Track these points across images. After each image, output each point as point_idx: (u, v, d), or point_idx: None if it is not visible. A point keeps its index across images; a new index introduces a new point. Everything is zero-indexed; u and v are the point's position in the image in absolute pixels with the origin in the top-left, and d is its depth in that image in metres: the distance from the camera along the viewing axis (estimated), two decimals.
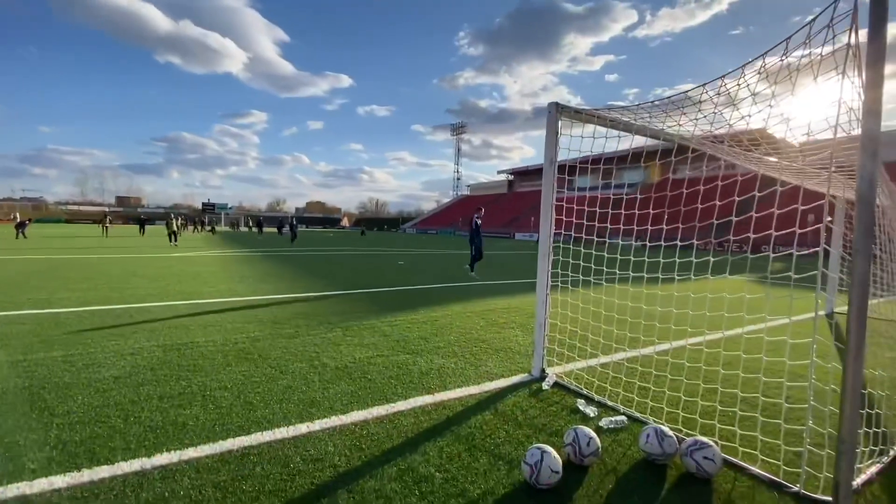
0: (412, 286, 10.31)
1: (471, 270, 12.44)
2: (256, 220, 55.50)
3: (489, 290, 9.85)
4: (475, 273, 12.29)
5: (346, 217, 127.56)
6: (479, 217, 11.93)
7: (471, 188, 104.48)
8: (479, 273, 12.36)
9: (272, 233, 48.45)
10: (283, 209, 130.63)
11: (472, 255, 12.32)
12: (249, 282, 10.16)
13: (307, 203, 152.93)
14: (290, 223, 31.70)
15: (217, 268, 13.03)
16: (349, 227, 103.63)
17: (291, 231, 30.27)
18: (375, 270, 13.78)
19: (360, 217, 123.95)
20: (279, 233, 45.20)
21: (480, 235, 12.12)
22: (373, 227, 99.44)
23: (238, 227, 67.81)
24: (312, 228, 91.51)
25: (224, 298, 7.84)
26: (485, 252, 12.53)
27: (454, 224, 78.27)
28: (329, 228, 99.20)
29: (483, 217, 12.07)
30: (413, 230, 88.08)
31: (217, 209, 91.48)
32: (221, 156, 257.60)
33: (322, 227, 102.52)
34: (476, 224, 11.91)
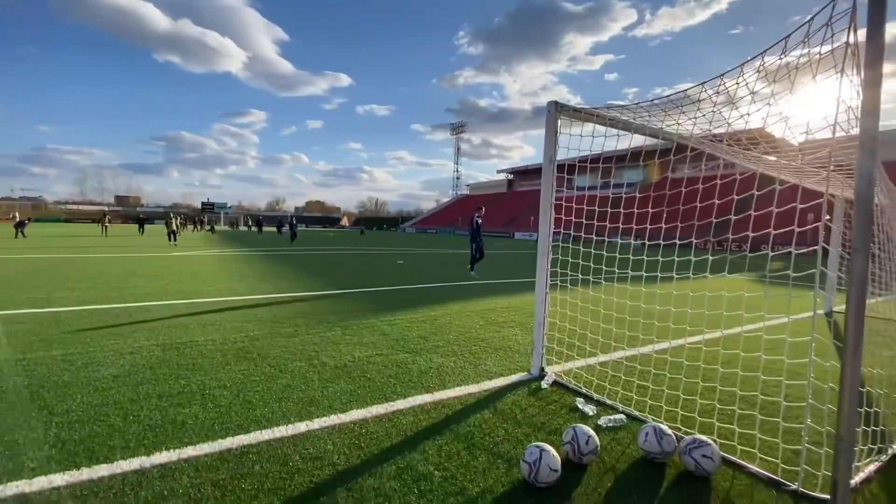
0: (411, 285, 10.31)
1: (471, 270, 12.43)
2: (256, 220, 55.49)
3: (489, 290, 9.86)
4: (475, 272, 12.28)
5: (346, 216, 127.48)
6: (480, 216, 11.89)
7: (470, 187, 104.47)
8: (479, 272, 12.35)
9: (272, 232, 48.43)
10: (283, 208, 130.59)
11: (472, 255, 12.30)
12: (249, 281, 10.16)
13: (306, 202, 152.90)
14: (290, 222, 31.67)
15: (216, 267, 13.03)
16: (349, 227, 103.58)
17: (291, 230, 30.24)
18: (375, 270, 13.78)
19: (360, 216, 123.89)
20: (278, 232, 45.19)
21: (481, 235, 12.07)
22: (372, 227, 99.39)
23: (237, 227, 67.85)
24: (312, 228, 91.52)
25: (223, 297, 7.84)
26: (484, 251, 12.46)
27: (454, 223, 78.27)
28: (328, 228, 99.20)
29: (483, 216, 12.04)
30: (412, 229, 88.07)
31: (216, 208, 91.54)
32: (221, 155, 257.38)
33: (322, 227, 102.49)
34: (477, 223, 11.87)
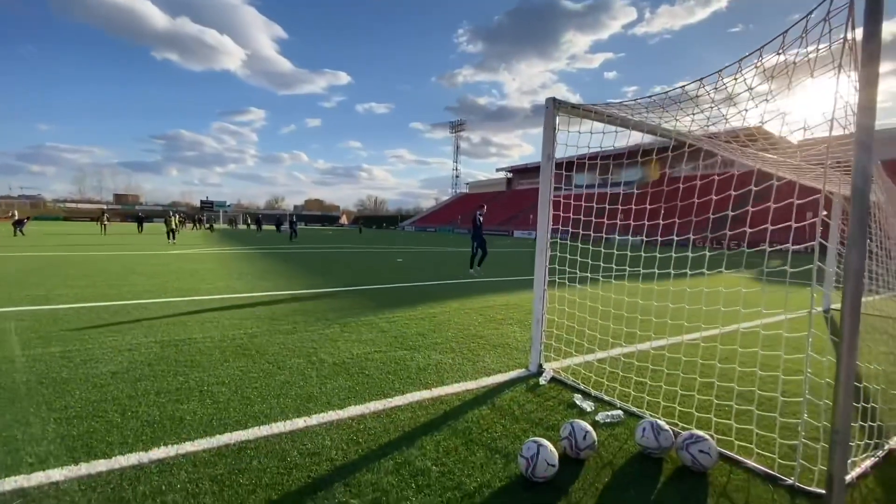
0: (410, 283, 10.31)
1: (470, 267, 12.40)
2: (255, 218, 55.41)
3: (487, 287, 9.86)
4: (474, 271, 12.25)
5: (345, 215, 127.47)
6: (482, 214, 11.86)
7: (470, 186, 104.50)
8: (478, 271, 12.29)
9: (271, 230, 48.40)
10: (282, 207, 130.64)
11: (473, 254, 12.24)
12: (247, 279, 10.16)
13: (305, 201, 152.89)
14: (290, 220, 31.65)
15: (215, 265, 13.02)
16: (348, 225, 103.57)
17: (291, 228, 30.20)
18: (374, 268, 13.78)
19: (359, 215, 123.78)
20: (278, 230, 45.20)
21: (482, 233, 11.98)
22: (371, 225, 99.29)
23: (236, 225, 67.78)
24: (311, 226, 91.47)
25: (222, 295, 7.84)
26: (487, 249, 12.35)
27: (453, 222, 78.26)
28: (328, 226, 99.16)
29: (485, 214, 11.99)
30: (412, 228, 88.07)
31: (216, 207, 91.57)
32: (220, 153, 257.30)
33: (321, 225, 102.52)
34: (478, 221, 11.84)
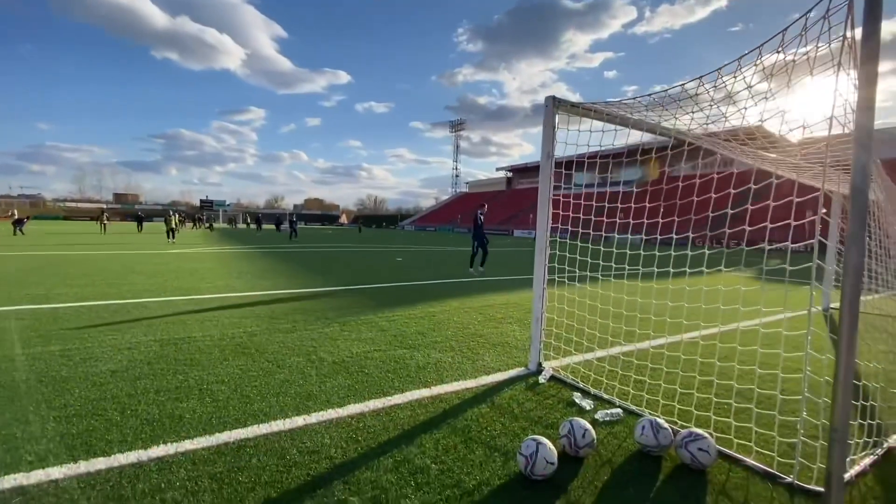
0: (410, 282, 10.31)
1: (469, 266, 12.39)
2: (255, 217, 55.34)
3: (487, 287, 9.86)
4: (473, 270, 12.23)
5: (345, 214, 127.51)
6: (483, 213, 11.83)
7: (469, 185, 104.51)
8: (477, 270, 12.28)
9: (270, 229, 48.38)
10: (282, 206, 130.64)
11: (473, 253, 12.21)
12: (247, 278, 10.16)
13: (305, 200, 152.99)
14: (290, 220, 31.62)
15: (215, 264, 13.02)
16: (347, 224, 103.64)
17: (291, 228, 30.13)
18: (373, 267, 13.78)
19: (359, 214, 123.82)
20: (277, 229, 45.20)
21: (483, 232, 11.94)
22: (371, 224, 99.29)
23: (236, 224, 67.73)
24: (311, 225, 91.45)
25: (221, 294, 7.84)
26: (487, 249, 12.30)
27: (453, 221, 78.25)
28: (328, 225, 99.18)
29: (486, 213, 11.96)
30: (412, 227, 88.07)
31: (215, 206, 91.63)
32: (220, 152, 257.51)
33: (321, 224, 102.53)
34: (479, 221, 11.80)
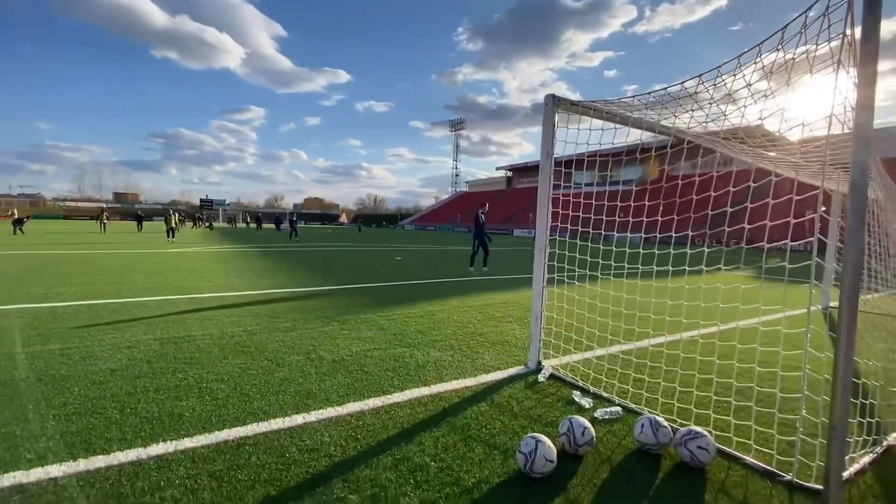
0: (410, 281, 10.31)
1: (470, 265, 12.37)
2: (255, 216, 55.21)
3: (487, 286, 9.86)
4: (474, 268, 12.22)
5: (345, 213, 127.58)
6: (484, 212, 11.82)
7: (469, 185, 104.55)
8: (478, 269, 12.28)
9: (270, 228, 48.37)
10: (281, 205, 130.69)
11: (473, 252, 12.18)
12: (247, 277, 10.16)
13: (305, 199, 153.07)
14: (290, 219, 31.55)
15: (214, 263, 13.02)
16: (347, 224, 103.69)
17: (291, 227, 30.02)
18: (373, 266, 13.77)
19: (359, 213, 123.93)
20: (277, 229, 45.21)
21: (484, 231, 11.93)
22: (371, 224, 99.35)
23: (235, 224, 67.69)
24: (310, 224, 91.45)
25: (221, 293, 7.84)
26: (489, 248, 12.27)
27: (453, 220, 78.25)
28: (327, 225, 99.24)
29: (487, 213, 11.93)
30: (411, 227, 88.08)
31: (215, 205, 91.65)
32: (219, 152, 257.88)
33: (320, 224, 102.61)
34: (481, 220, 11.79)
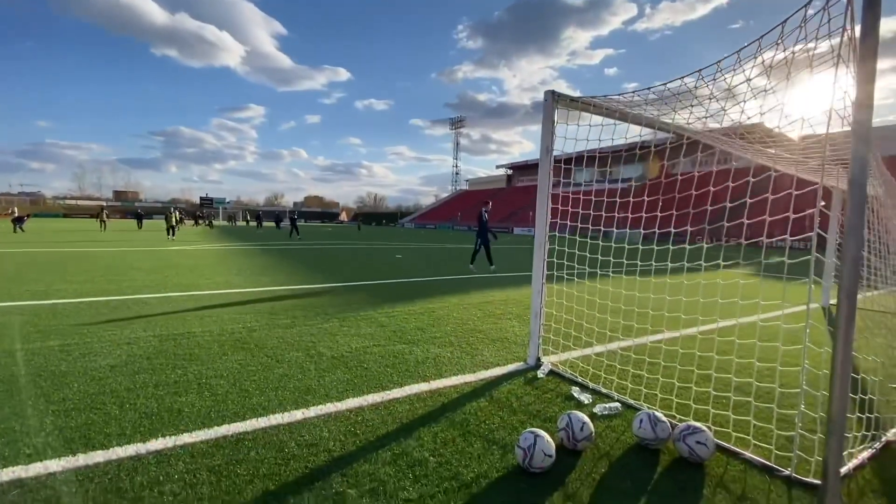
0: (410, 279, 10.31)
1: (470, 262, 12.32)
2: (255, 215, 55.01)
3: (487, 283, 9.86)
4: (474, 266, 12.18)
5: (345, 212, 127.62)
6: (487, 210, 11.78)
7: (470, 183, 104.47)
8: (478, 267, 12.23)
9: (270, 227, 48.38)
10: (281, 203, 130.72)
11: (475, 250, 12.10)
12: (247, 274, 10.16)
13: (305, 197, 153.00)
14: (291, 217, 31.41)
15: (214, 261, 13.02)
16: (347, 222, 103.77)
17: (292, 225, 29.81)
18: (373, 264, 13.77)
19: (359, 212, 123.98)
20: (277, 227, 45.18)
21: (487, 229, 11.90)
22: (371, 222, 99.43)
23: (235, 222, 67.59)
24: (311, 223, 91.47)
25: (221, 290, 7.84)
26: (490, 246, 12.26)
27: (453, 219, 78.25)
28: (327, 223, 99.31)
29: (490, 211, 11.90)
30: (411, 225, 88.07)
31: (215, 204, 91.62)
32: (219, 150, 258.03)
33: (321, 222, 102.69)
34: (484, 217, 11.77)
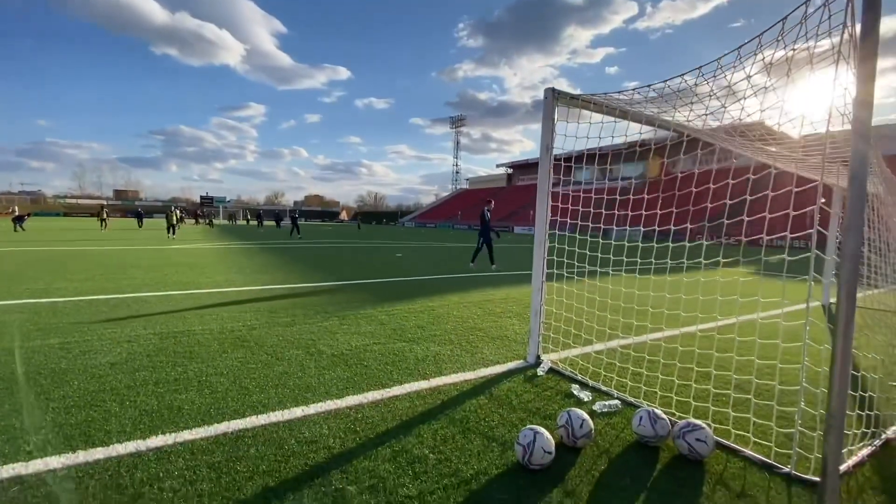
0: (410, 277, 10.31)
1: (471, 261, 12.35)
2: (256, 213, 54.90)
3: (487, 282, 9.86)
4: (474, 264, 12.19)
5: (345, 211, 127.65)
6: (490, 209, 11.80)
7: (470, 182, 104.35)
8: (478, 266, 12.26)
9: (271, 226, 48.39)
10: (282, 202, 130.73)
11: (478, 248, 12.16)
12: (247, 273, 10.16)
13: (306, 196, 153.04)
14: (292, 215, 31.31)
15: (215, 259, 13.02)
16: (348, 221, 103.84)
17: (293, 224, 29.66)
18: (373, 262, 13.77)
19: (359, 211, 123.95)
20: (277, 226, 45.18)
21: (489, 228, 11.89)
22: (371, 221, 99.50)
23: (235, 221, 67.58)
24: (311, 222, 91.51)
25: (221, 289, 7.84)
26: (492, 244, 12.30)
27: (453, 218, 78.22)
28: (327, 222, 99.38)
29: (493, 210, 11.89)
30: (412, 224, 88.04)
31: (215, 202, 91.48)
32: (220, 149, 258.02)
33: (321, 221, 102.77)
34: (486, 216, 11.77)
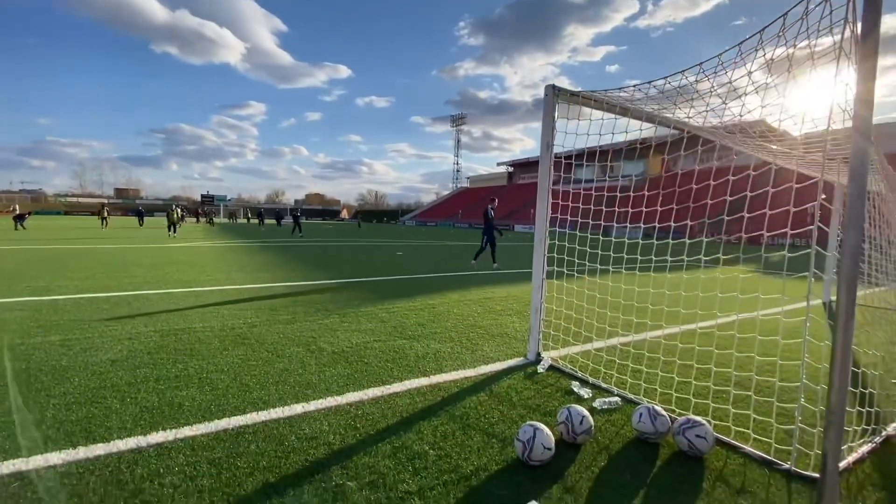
0: (410, 275, 10.32)
1: (473, 259, 12.40)
2: (256, 212, 54.78)
3: (488, 280, 9.87)
4: (476, 262, 12.21)
5: (346, 209, 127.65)
6: (493, 208, 11.82)
7: (470, 180, 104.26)
8: (479, 264, 12.25)
9: (271, 224, 48.40)
10: (282, 201, 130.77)
11: (481, 247, 12.18)
12: (247, 271, 10.17)
13: (306, 195, 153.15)
14: (294, 214, 31.16)
15: (215, 257, 13.03)
16: (348, 219, 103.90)
17: (295, 222, 29.49)
18: (374, 260, 13.78)
19: (360, 209, 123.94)
20: (278, 224, 45.18)
21: (493, 226, 11.90)
22: (372, 220, 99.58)
23: (236, 219, 67.56)
24: (311, 220, 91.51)
25: (222, 287, 7.85)
26: (495, 243, 12.28)
27: (454, 216, 78.18)
28: (328, 220, 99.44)
29: (496, 208, 11.89)
30: (412, 222, 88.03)
31: (216, 201, 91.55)
32: (220, 147, 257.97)
33: (321, 219, 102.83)
34: (490, 215, 11.80)
